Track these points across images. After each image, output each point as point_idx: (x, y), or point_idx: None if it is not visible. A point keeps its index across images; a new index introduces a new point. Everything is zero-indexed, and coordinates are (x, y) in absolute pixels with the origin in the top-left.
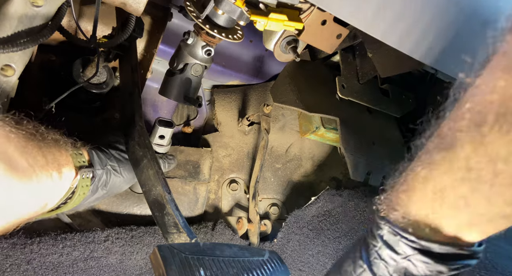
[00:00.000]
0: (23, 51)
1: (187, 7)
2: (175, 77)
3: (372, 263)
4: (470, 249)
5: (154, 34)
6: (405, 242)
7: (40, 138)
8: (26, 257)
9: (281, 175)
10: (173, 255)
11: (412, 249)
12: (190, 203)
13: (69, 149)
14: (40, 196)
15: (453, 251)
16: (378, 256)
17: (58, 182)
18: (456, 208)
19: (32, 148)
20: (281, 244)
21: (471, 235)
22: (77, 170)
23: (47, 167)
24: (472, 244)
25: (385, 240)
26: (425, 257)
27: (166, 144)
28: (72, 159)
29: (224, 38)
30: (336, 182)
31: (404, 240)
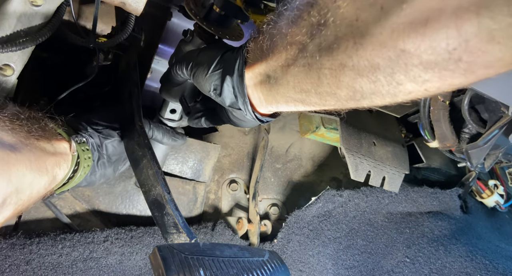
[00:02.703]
0: (22, 51)
1: (187, 6)
2: None
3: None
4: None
5: (153, 33)
6: None
7: (23, 118)
8: (25, 257)
9: (281, 175)
10: (173, 255)
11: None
12: (190, 203)
13: (50, 123)
14: (44, 171)
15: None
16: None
17: (55, 152)
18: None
19: (19, 128)
20: (281, 244)
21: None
22: (68, 138)
23: (38, 142)
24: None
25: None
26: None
27: (177, 118)
28: (57, 131)
29: (224, 37)
30: (336, 182)
31: None
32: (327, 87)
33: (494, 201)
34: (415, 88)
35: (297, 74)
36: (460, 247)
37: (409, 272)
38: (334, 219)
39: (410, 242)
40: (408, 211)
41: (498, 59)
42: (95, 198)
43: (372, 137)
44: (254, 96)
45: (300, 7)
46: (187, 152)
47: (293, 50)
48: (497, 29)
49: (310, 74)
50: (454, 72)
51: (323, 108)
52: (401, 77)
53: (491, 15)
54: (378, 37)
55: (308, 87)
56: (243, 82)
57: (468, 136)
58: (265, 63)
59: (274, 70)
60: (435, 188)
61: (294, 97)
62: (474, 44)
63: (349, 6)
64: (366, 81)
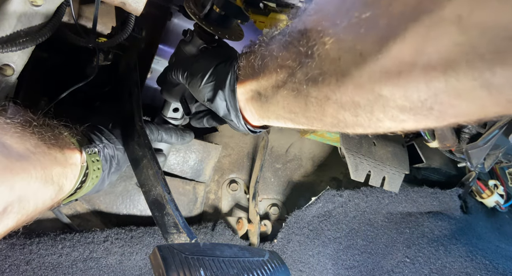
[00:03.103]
0: (22, 51)
1: (186, 6)
2: None
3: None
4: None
5: (153, 33)
6: None
7: (36, 125)
8: (25, 257)
9: (281, 175)
10: (173, 255)
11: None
12: (190, 203)
13: (64, 131)
14: (50, 181)
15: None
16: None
17: (64, 162)
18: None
19: (30, 135)
20: (281, 244)
21: (262, 122)
22: (80, 148)
23: (49, 151)
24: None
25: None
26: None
27: (180, 117)
28: (70, 140)
29: (223, 37)
30: (336, 182)
31: None
32: (314, 113)
33: (494, 201)
34: (393, 125)
35: (286, 96)
36: (460, 247)
37: (409, 272)
38: (334, 219)
39: (410, 242)
40: (408, 211)
41: (465, 113)
42: (95, 197)
43: (372, 137)
44: (246, 109)
45: (292, 34)
46: (188, 152)
47: (283, 73)
48: (463, 89)
49: (298, 99)
50: (428, 117)
51: (312, 128)
52: (380, 115)
53: (456, 77)
54: (357, 79)
55: (296, 110)
56: (235, 97)
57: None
58: (256, 81)
59: (265, 89)
60: (435, 188)
61: (284, 116)
62: (443, 98)
63: (333, 44)
64: (348, 114)
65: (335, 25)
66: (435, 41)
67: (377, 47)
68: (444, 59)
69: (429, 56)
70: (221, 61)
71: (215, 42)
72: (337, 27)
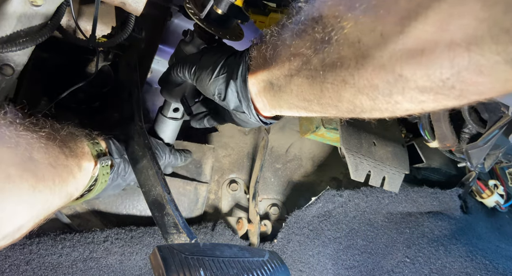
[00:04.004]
0: (22, 51)
1: (187, 6)
2: None
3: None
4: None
5: (153, 33)
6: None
7: (57, 135)
8: (25, 257)
9: (281, 175)
10: (173, 255)
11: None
12: (191, 204)
13: (84, 139)
14: (64, 193)
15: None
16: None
17: (79, 174)
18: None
19: (52, 147)
20: (281, 244)
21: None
22: (96, 159)
23: (67, 162)
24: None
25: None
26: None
27: (180, 117)
28: (89, 149)
29: (224, 37)
30: (336, 182)
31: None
32: (329, 100)
33: (494, 201)
34: (412, 107)
35: (300, 84)
36: (460, 247)
37: (409, 272)
38: (334, 219)
39: (410, 242)
40: (408, 211)
41: (488, 89)
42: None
43: (372, 137)
44: (258, 100)
45: (305, 22)
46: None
47: (297, 61)
48: (486, 65)
49: (313, 86)
50: (448, 96)
51: (325, 116)
52: (398, 98)
53: (481, 52)
54: (378, 60)
55: (311, 97)
56: (246, 88)
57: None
58: (268, 71)
59: (277, 78)
60: (435, 188)
61: (297, 105)
62: (466, 75)
63: (352, 28)
64: (365, 98)
65: (353, 9)
66: (459, 18)
67: (399, 27)
68: (468, 36)
69: (453, 33)
70: (231, 54)
71: (215, 42)
72: (355, 11)
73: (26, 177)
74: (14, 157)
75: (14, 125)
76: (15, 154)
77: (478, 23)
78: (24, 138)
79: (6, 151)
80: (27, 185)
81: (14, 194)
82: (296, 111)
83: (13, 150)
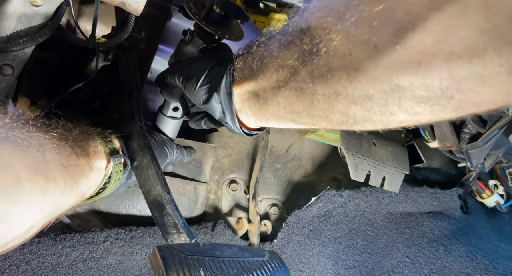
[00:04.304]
0: (22, 51)
1: (186, 6)
2: None
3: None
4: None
5: (153, 33)
6: None
7: (69, 135)
8: (25, 257)
9: (281, 175)
10: (173, 255)
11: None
12: (190, 204)
13: (97, 138)
14: (75, 192)
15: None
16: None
17: (91, 173)
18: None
19: (64, 147)
20: (281, 244)
21: (260, 124)
22: (108, 157)
23: (78, 162)
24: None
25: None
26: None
27: (180, 116)
28: (102, 147)
29: (223, 37)
30: (336, 182)
31: None
32: (320, 111)
33: (494, 201)
34: (407, 118)
35: (288, 96)
36: (460, 247)
37: (409, 272)
38: (334, 219)
39: (410, 242)
40: (408, 211)
41: (488, 100)
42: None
43: (372, 137)
44: (242, 113)
45: (292, 33)
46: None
47: (284, 73)
48: (488, 76)
49: (302, 97)
50: (446, 107)
51: (314, 127)
52: (394, 108)
53: (483, 64)
54: (372, 72)
55: (300, 109)
56: (231, 100)
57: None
58: (254, 82)
59: (264, 90)
60: (435, 188)
61: (285, 117)
62: (466, 85)
63: (342, 40)
64: (360, 109)
65: (343, 21)
66: (459, 30)
67: (394, 38)
68: (469, 48)
69: (452, 45)
70: (216, 63)
71: (215, 42)
72: (346, 23)
73: (37, 180)
74: (26, 159)
75: (27, 127)
76: (27, 157)
77: (479, 35)
78: (36, 139)
79: (18, 154)
80: (37, 188)
81: (24, 198)
82: (283, 123)
83: (25, 153)
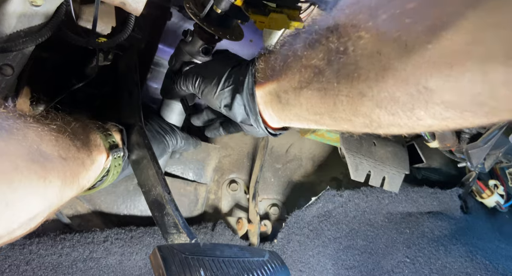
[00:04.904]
0: (22, 51)
1: (186, 6)
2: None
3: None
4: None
5: (153, 33)
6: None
7: (68, 128)
8: (25, 257)
9: (281, 175)
10: (173, 255)
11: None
12: (191, 204)
13: (97, 131)
14: (76, 185)
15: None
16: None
17: (91, 166)
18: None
19: (63, 139)
20: (281, 244)
21: (284, 123)
22: (108, 151)
23: (79, 155)
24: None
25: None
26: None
27: None
28: (102, 141)
29: (224, 37)
30: (336, 182)
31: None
32: (343, 113)
33: (494, 201)
34: (435, 123)
35: (310, 97)
36: (460, 247)
37: (409, 272)
38: (334, 219)
39: (410, 242)
40: (408, 211)
41: None
42: (96, 197)
43: (372, 137)
44: (265, 113)
45: (319, 32)
46: (189, 152)
47: (308, 73)
48: None
49: (325, 98)
50: (476, 113)
51: (337, 129)
52: (421, 113)
53: None
54: (400, 72)
55: (322, 111)
56: (254, 101)
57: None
58: (276, 83)
59: (286, 91)
60: (435, 188)
61: (307, 118)
62: (500, 91)
63: (372, 38)
64: (384, 112)
65: (374, 18)
66: (497, 28)
67: (426, 37)
68: (507, 49)
69: (488, 46)
70: (235, 64)
71: (215, 42)
72: (376, 20)
73: (35, 169)
74: (21, 148)
75: (23, 117)
76: (22, 146)
77: None
78: (33, 130)
79: (13, 143)
80: (36, 176)
81: (24, 184)
82: (306, 123)
83: (20, 142)
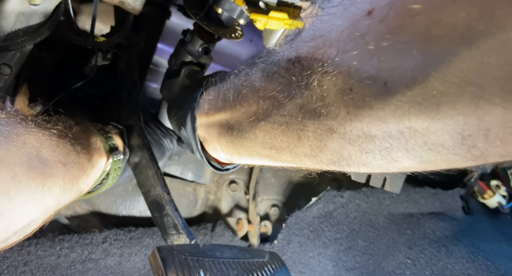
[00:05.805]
0: (20, 50)
1: (186, 5)
2: (171, 76)
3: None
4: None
5: (153, 33)
6: None
7: (69, 132)
8: (24, 259)
9: (281, 176)
10: (173, 256)
11: None
12: (190, 205)
13: (97, 134)
14: (75, 189)
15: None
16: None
17: (91, 171)
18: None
19: (63, 144)
20: (281, 245)
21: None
22: (108, 154)
23: (78, 159)
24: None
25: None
26: None
27: None
28: (102, 144)
29: (224, 37)
30: (337, 183)
31: None
32: (308, 149)
33: (496, 201)
34: (412, 166)
35: (269, 131)
36: (462, 248)
37: (410, 273)
38: (335, 220)
39: (412, 243)
40: (410, 212)
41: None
42: (95, 198)
43: None
44: (209, 147)
45: (279, 63)
46: (188, 153)
47: (266, 105)
48: None
49: (288, 133)
50: (464, 157)
51: (294, 166)
52: (398, 154)
53: None
54: (378, 112)
55: (282, 145)
56: (195, 135)
57: None
58: (229, 114)
59: (239, 122)
60: (437, 188)
61: (261, 152)
62: (495, 133)
63: (341, 74)
64: (357, 150)
65: (343, 53)
66: (492, 69)
67: (409, 75)
68: (506, 91)
69: (484, 85)
70: (189, 95)
71: (215, 41)
72: (346, 55)
73: (33, 176)
74: (20, 155)
75: (24, 122)
76: (21, 153)
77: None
78: (34, 135)
79: (12, 150)
80: (34, 183)
81: (21, 192)
82: (258, 159)
83: (19, 149)
